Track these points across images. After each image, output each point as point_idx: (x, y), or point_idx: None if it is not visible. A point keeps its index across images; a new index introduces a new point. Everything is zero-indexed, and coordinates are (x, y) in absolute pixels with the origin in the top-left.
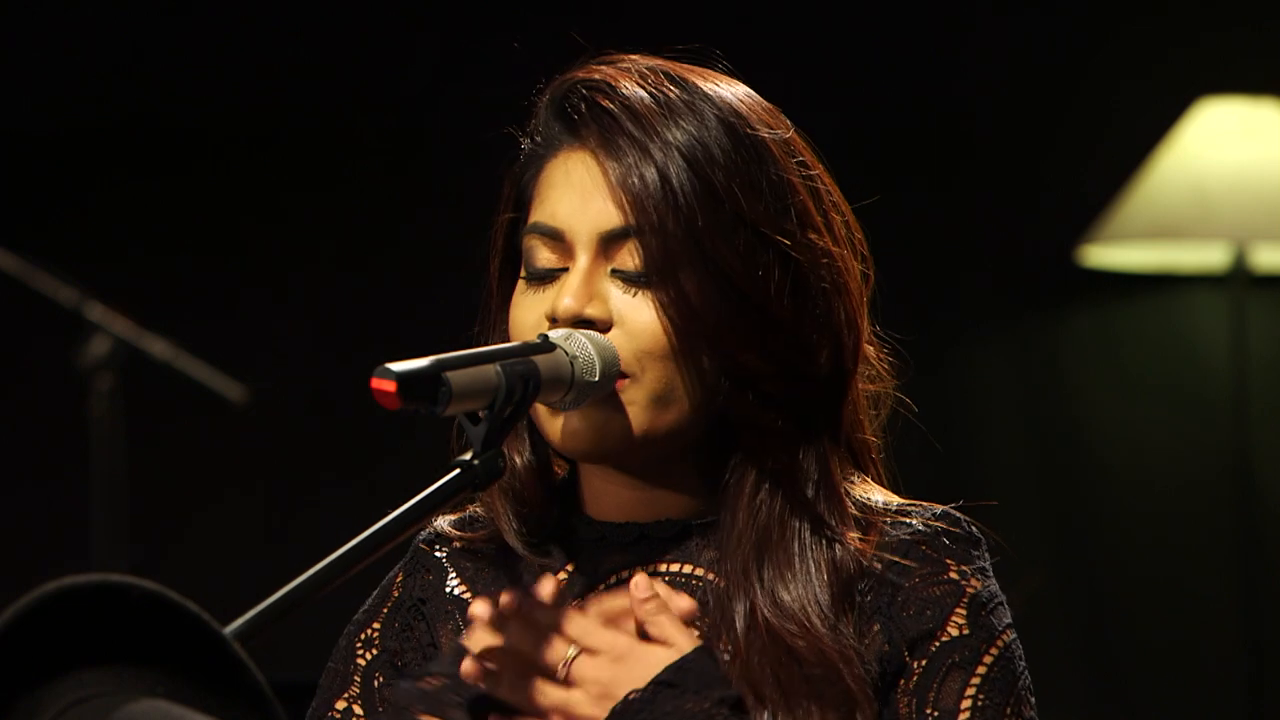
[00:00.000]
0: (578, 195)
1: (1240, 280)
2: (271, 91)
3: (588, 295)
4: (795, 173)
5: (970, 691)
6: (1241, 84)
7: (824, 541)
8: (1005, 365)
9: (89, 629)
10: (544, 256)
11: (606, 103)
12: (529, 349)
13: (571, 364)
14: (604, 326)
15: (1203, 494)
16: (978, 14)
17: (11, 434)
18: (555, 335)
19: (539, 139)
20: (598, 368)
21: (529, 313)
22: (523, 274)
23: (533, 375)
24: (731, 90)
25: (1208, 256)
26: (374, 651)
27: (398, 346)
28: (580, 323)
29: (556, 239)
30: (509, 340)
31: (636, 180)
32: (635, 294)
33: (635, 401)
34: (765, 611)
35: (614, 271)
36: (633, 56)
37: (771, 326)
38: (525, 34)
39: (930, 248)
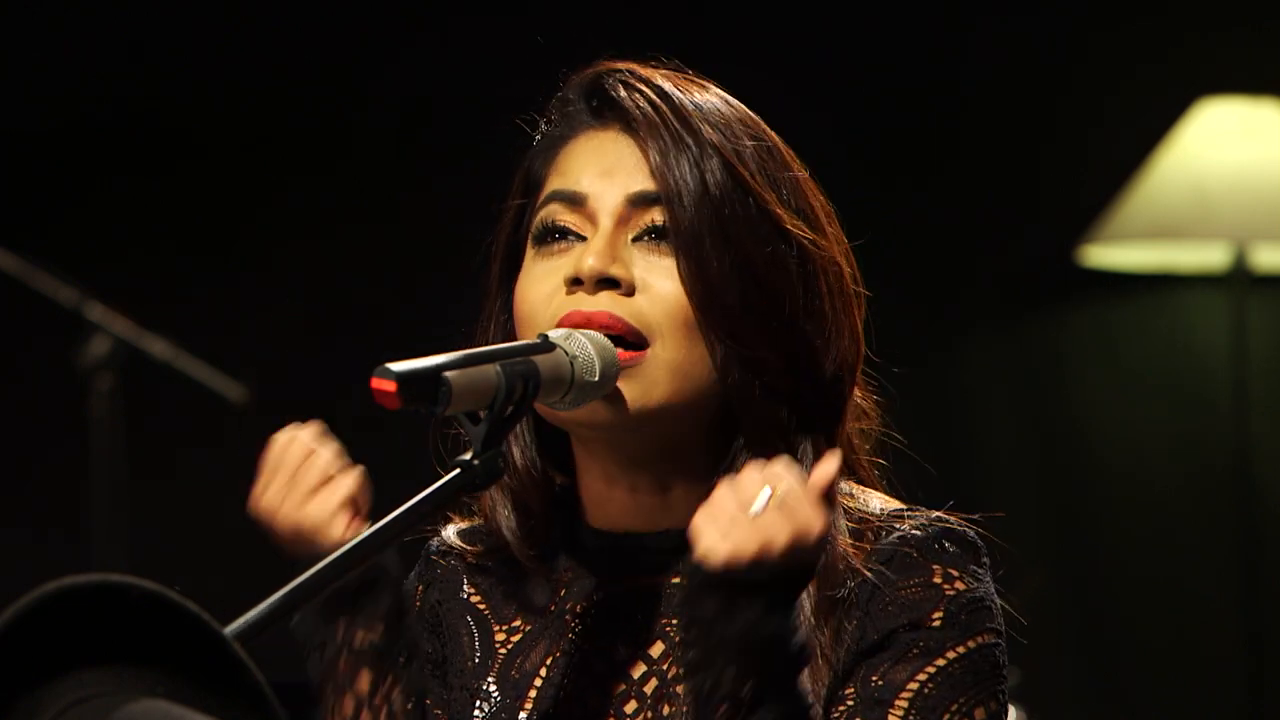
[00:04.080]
0: (605, 163)
1: (1240, 280)
2: (271, 91)
3: (612, 256)
4: (803, 181)
5: (921, 677)
6: (1241, 84)
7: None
8: (1005, 365)
9: (89, 629)
10: (561, 218)
11: (642, 87)
12: (529, 349)
13: (571, 364)
14: (627, 289)
15: (1203, 493)
16: (977, 14)
17: (11, 434)
18: (555, 335)
19: (555, 125)
20: (597, 367)
21: (541, 282)
22: (531, 244)
23: (533, 375)
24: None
25: (1208, 256)
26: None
27: (398, 346)
28: (603, 282)
29: (578, 204)
30: (512, 331)
31: (672, 161)
32: (660, 260)
33: (655, 370)
34: None
35: (636, 238)
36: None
37: (783, 320)
38: (524, 35)
39: (930, 248)
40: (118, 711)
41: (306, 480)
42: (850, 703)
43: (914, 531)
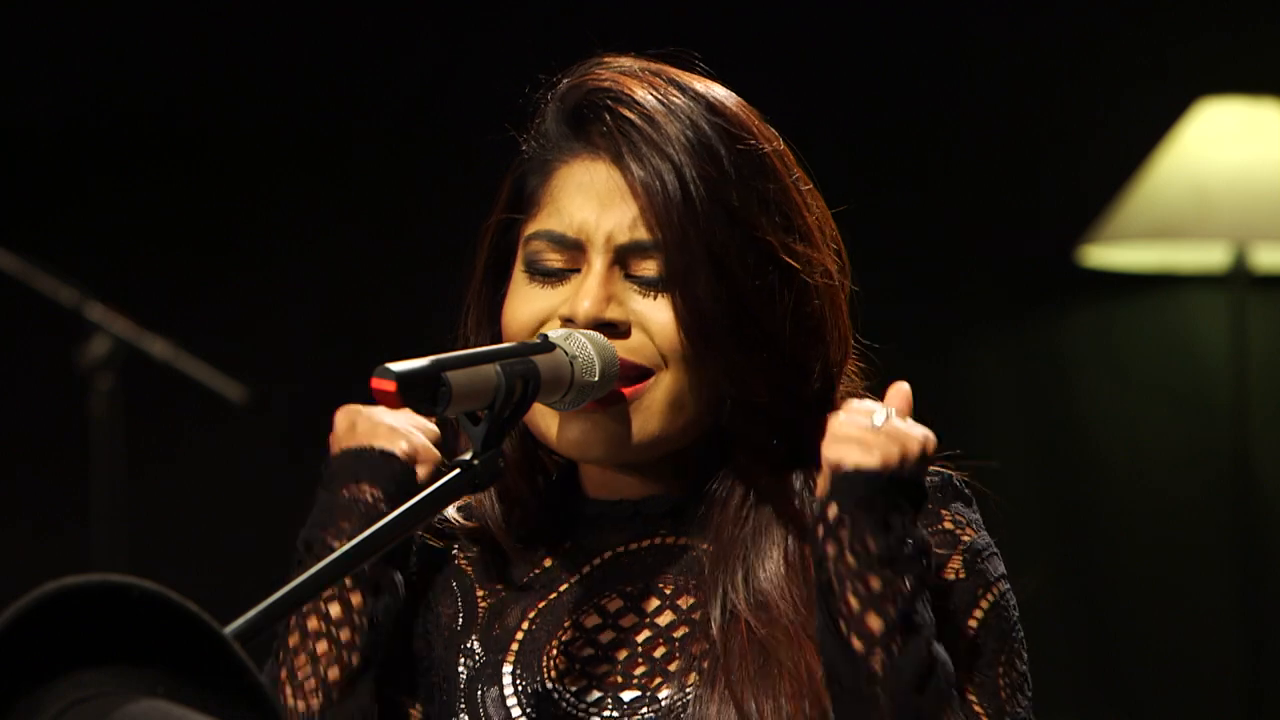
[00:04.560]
0: (595, 202)
1: (1240, 280)
2: (271, 91)
3: (606, 299)
4: (793, 188)
5: (968, 634)
6: (1241, 84)
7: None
8: (1006, 365)
9: (89, 629)
10: (551, 258)
11: (625, 112)
12: (528, 349)
13: (571, 364)
14: (624, 329)
15: (1203, 494)
16: (978, 13)
17: (11, 434)
18: (555, 335)
19: (545, 143)
20: (597, 368)
21: (531, 306)
22: (521, 269)
23: (532, 375)
24: (726, 97)
25: (1208, 256)
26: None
27: (398, 346)
28: (599, 325)
29: (570, 245)
30: (495, 338)
31: (659, 192)
32: (654, 298)
33: (651, 404)
34: (747, 615)
35: (630, 276)
36: (622, 59)
37: (773, 348)
38: (524, 32)
39: (931, 247)
40: (118, 711)
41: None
42: None
43: None
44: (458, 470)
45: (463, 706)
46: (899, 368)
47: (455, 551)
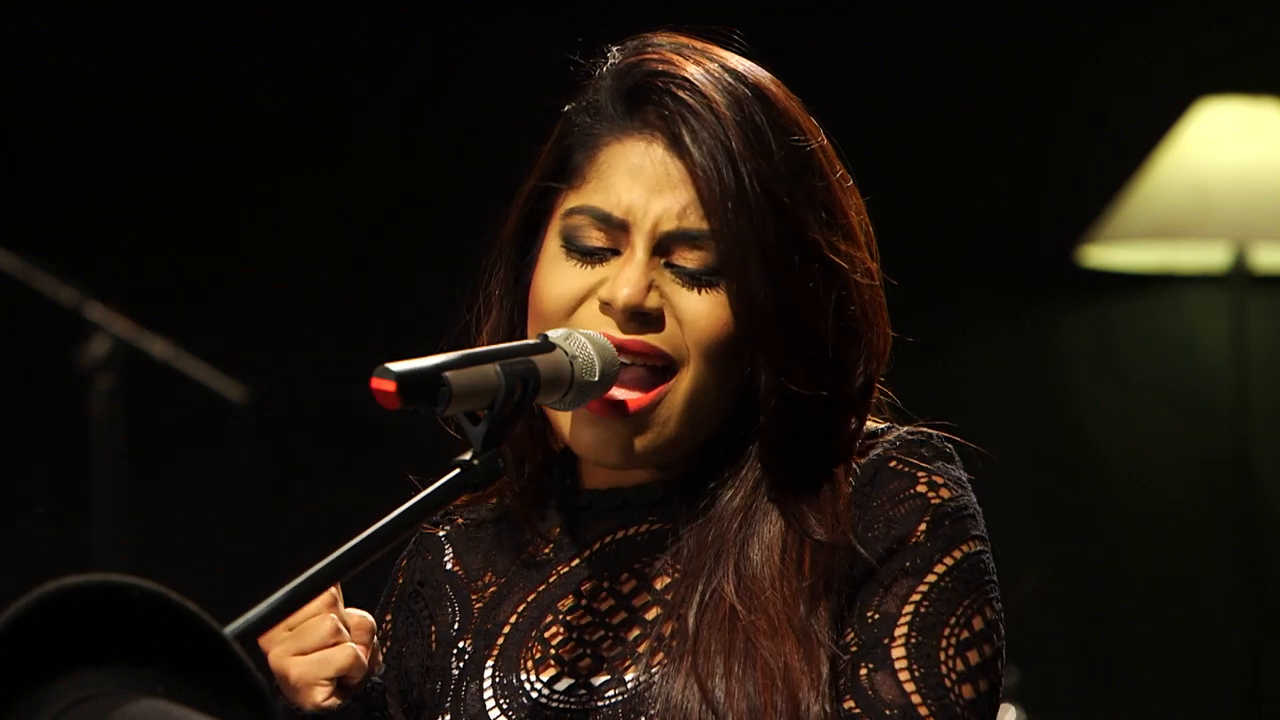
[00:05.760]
0: (645, 186)
1: (1240, 280)
2: (271, 91)
3: (646, 286)
4: (837, 185)
5: (915, 598)
6: (1241, 84)
7: (816, 541)
8: (1005, 364)
9: (89, 629)
10: (593, 236)
11: (685, 97)
12: (528, 349)
13: (571, 364)
14: (658, 318)
15: (1202, 493)
16: (978, 13)
17: (12, 434)
18: (555, 335)
19: (596, 117)
20: (597, 367)
21: (566, 284)
22: (559, 243)
23: (532, 375)
24: (775, 86)
25: (1208, 256)
26: (388, 644)
27: (398, 346)
28: (635, 313)
29: (615, 226)
30: (519, 302)
31: (716, 181)
32: (696, 290)
33: (669, 407)
34: (733, 598)
35: (671, 265)
36: (673, 37)
37: (817, 346)
38: (524, 32)
39: (931, 247)
40: (118, 711)
41: (303, 639)
42: (854, 649)
43: (894, 442)
44: (458, 470)
45: (448, 704)
46: (899, 367)
47: (447, 555)
